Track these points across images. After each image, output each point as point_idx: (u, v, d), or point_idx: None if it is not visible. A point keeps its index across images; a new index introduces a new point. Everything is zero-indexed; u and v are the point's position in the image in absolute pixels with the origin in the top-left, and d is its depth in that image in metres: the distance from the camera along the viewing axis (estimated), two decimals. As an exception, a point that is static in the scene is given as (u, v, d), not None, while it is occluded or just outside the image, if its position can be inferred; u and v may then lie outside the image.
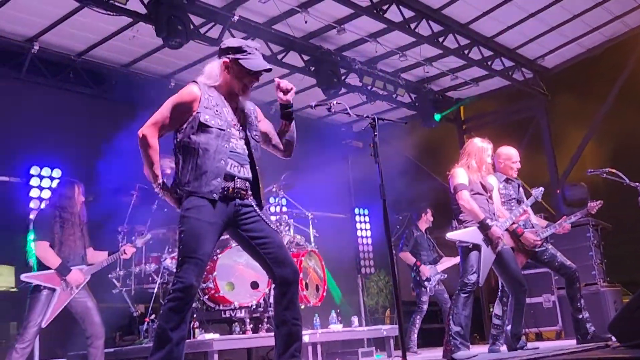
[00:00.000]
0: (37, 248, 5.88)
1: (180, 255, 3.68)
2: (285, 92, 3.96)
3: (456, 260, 8.29)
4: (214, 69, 3.90)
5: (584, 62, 11.16)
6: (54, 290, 5.80)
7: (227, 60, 3.87)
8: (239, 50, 3.86)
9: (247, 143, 3.90)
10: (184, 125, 3.78)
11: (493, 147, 5.97)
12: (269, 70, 3.88)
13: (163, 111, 3.79)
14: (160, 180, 3.80)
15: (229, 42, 3.96)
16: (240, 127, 3.90)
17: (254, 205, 3.85)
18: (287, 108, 4.04)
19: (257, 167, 3.91)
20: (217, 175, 3.70)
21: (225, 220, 3.76)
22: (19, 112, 8.08)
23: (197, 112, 3.74)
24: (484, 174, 5.73)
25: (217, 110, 3.80)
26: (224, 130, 3.79)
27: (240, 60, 3.84)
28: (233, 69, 3.87)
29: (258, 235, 3.80)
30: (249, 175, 3.87)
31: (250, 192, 3.86)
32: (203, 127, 3.73)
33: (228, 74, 3.88)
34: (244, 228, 3.81)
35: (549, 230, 6.28)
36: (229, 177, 3.76)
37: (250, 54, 3.86)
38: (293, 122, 4.11)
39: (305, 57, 9.59)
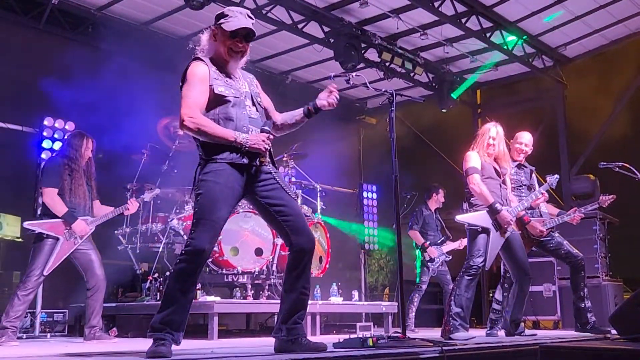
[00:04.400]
0: (44, 195, 5.89)
1: (195, 217, 3.69)
2: (333, 103, 3.93)
3: (458, 244, 8.36)
4: (205, 40, 3.92)
5: (605, 54, 11.05)
6: (57, 239, 5.83)
7: (214, 27, 3.89)
8: (222, 15, 3.88)
9: (257, 110, 3.92)
10: None
11: (509, 134, 5.93)
12: (247, 30, 3.82)
13: (191, 93, 3.71)
14: (239, 137, 3.66)
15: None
16: (248, 94, 3.91)
17: (273, 172, 3.85)
18: (318, 112, 4.00)
19: None
20: None
21: (243, 186, 3.76)
22: (37, 62, 8.06)
23: (211, 85, 3.75)
24: (501, 159, 5.69)
25: (226, 81, 3.82)
26: (238, 98, 3.81)
27: (222, 25, 3.85)
28: (217, 35, 3.88)
29: (276, 203, 3.80)
30: None
31: (267, 158, 3.85)
32: (219, 99, 3.75)
33: (215, 42, 3.89)
34: (262, 195, 3.81)
35: (558, 220, 6.25)
36: None
37: (232, 17, 3.85)
38: None
39: (326, 29, 9.51)
